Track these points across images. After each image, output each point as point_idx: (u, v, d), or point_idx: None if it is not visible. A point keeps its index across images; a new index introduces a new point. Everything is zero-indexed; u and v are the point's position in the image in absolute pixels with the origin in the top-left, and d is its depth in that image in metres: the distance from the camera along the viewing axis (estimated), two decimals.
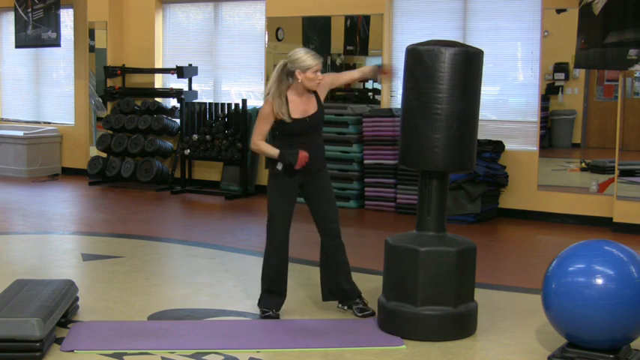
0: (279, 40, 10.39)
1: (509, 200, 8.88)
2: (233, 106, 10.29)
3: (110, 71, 11.29)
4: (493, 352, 4.57)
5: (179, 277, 6.28)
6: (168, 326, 4.94)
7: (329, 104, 8.97)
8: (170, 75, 10.96)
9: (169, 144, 10.98)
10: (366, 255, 6.62)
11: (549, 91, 8.81)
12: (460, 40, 7.00)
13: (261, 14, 10.47)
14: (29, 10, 11.74)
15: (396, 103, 9.48)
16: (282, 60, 4.92)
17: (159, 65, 11.27)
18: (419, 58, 4.63)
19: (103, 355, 4.40)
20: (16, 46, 12.16)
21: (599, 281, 4.04)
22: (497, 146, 8.74)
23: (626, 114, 8.10)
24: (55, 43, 11.60)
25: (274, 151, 4.90)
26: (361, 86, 9.77)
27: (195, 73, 10.76)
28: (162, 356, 4.40)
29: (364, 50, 9.74)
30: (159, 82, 11.40)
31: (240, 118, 10.17)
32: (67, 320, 4.85)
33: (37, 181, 11.42)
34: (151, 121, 10.78)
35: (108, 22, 11.35)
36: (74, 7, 11.85)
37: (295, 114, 4.88)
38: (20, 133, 11.93)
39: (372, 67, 5.27)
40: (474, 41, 8.32)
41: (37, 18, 11.68)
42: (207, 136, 10.33)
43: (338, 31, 9.93)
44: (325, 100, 5.07)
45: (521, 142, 8.90)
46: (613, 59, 7.83)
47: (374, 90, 9.69)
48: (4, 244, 7.48)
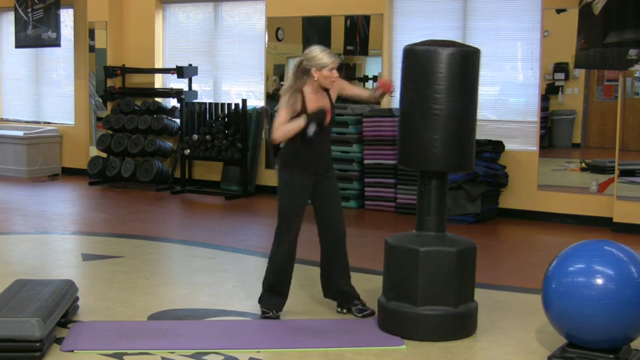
0: (279, 40, 10.38)
1: (509, 200, 8.89)
2: (233, 106, 10.28)
3: (110, 71, 11.29)
4: (493, 352, 4.57)
5: (179, 277, 6.28)
6: (168, 326, 4.94)
7: None
8: (170, 75, 10.96)
9: (169, 144, 10.98)
10: (366, 255, 6.62)
11: (549, 91, 8.81)
12: (460, 40, 7.00)
13: (261, 14, 10.47)
14: (29, 10, 11.74)
15: (396, 103, 9.46)
16: (298, 57, 4.95)
17: (159, 65, 11.27)
18: (416, 58, 4.63)
19: (103, 355, 4.40)
20: (16, 46, 12.17)
21: (599, 281, 4.04)
22: (497, 146, 8.74)
23: (626, 114, 8.10)
24: (55, 43, 11.61)
25: (299, 121, 4.80)
26: (361, 86, 9.77)
27: (195, 73, 10.76)
28: (162, 356, 4.40)
29: (364, 50, 9.74)
30: (159, 82, 11.40)
31: (240, 118, 10.17)
32: (67, 320, 4.85)
33: (37, 181, 11.42)
34: (151, 121, 10.78)
35: (108, 22, 11.35)
36: (74, 7, 11.85)
37: (310, 110, 4.90)
38: (20, 133, 11.93)
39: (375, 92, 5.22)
40: (474, 41, 8.32)
41: (37, 18, 11.68)
42: (207, 136, 10.33)
43: (338, 31, 9.92)
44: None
45: (521, 142, 8.90)
46: (613, 59, 7.83)
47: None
48: (4, 244, 7.48)
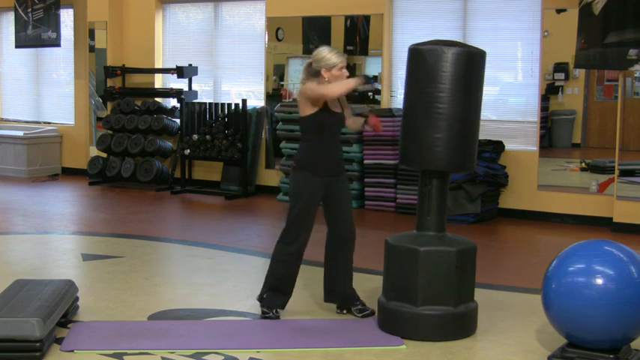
0: (279, 40, 10.38)
1: (509, 200, 8.88)
2: (233, 106, 10.28)
3: (110, 71, 11.29)
4: (493, 352, 4.57)
5: (179, 277, 6.28)
6: (168, 326, 4.94)
7: None
8: (170, 75, 10.96)
9: (169, 144, 10.98)
10: (366, 255, 6.61)
11: (549, 91, 8.81)
12: (460, 40, 7.00)
13: (261, 14, 10.47)
14: (29, 10, 11.74)
15: (396, 103, 9.49)
16: (307, 60, 4.98)
17: (159, 65, 11.28)
18: (421, 57, 4.63)
19: (103, 355, 4.40)
20: (16, 46, 12.17)
21: (599, 281, 4.04)
22: (497, 146, 8.74)
23: (626, 114, 8.10)
24: (55, 43, 11.61)
25: (352, 80, 4.84)
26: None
27: (195, 73, 10.76)
28: (162, 356, 4.40)
29: (364, 50, 9.74)
30: (159, 82, 11.40)
31: (240, 118, 10.17)
32: (67, 320, 4.85)
33: (37, 181, 11.42)
34: (151, 121, 10.78)
35: (108, 22, 11.36)
36: (74, 7, 11.85)
37: (330, 107, 4.91)
38: (20, 133, 11.93)
39: (358, 120, 5.28)
40: (474, 41, 8.33)
41: (37, 18, 11.68)
42: (207, 136, 10.33)
43: (338, 31, 9.92)
44: None
45: (521, 142, 8.90)
46: (613, 59, 7.83)
47: (374, 90, 9.68)
48: (4, 244, 7.48)
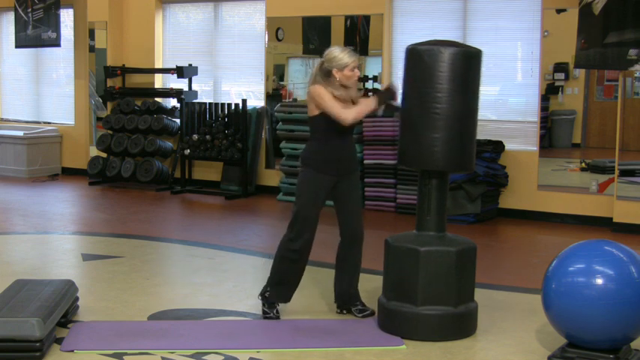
0: (279, 40, 10.38)
1: (509, 200, 8.88)
2: (233, 106, 10.28)
3: (110, 71, 11.29)
4: (493, 352, 4.57)
5: (179, 277, 6.28)
6: (168, 326, 4.94)
7: None
8: (170, 75, 10.96)
9: (169, 144, 10.98)
10: (366, 255, 6.58)
11: (549, 91, 8.81)
12: (460, 40, 7.01)
13: (261, 14, 10.47)
14: (29, 10, 11.74)
15: (397, 103, 9.48)
16: (319, 59, 4.96)
17: (159, 65, 11.27)
18: (419, 58, 4.63)
19: (103, 355, 4.40)
20: (16, 46, 12.16)
21: (599, 281, 4.04)
22: (497, 146, 8.73)
23: (626, 114, 8.10)
24: (55, 43, 11.60)
25: (370, 102, 4.85)
26: (360, 86, 9.76)
27: (195, 73, 10.76)
28: (162, 356, 4.40)
29: (364, 50, 9.74)
30: (159, 82, 11.40)
31: (240, 118, 10.17)
32: (67, 320, 4.85)
33: (37, 181, 11.42)
34: (151, 121, 10.78)
35: (108, 22, 11.35)
36: (74, 7, 11.85)
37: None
38: (20, 133, 11.93)
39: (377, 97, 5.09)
40: (474, 41, 8.32)
41: (37, 18, 11.68)
42: (207, 136, 10.33)
43: (338, 31, 9.92)
44: None
45: (521, 142, 8.90)
46: (613, 59, 7.83)
47: (374, 90, 9.68)
48: (4, 244, 7.48)
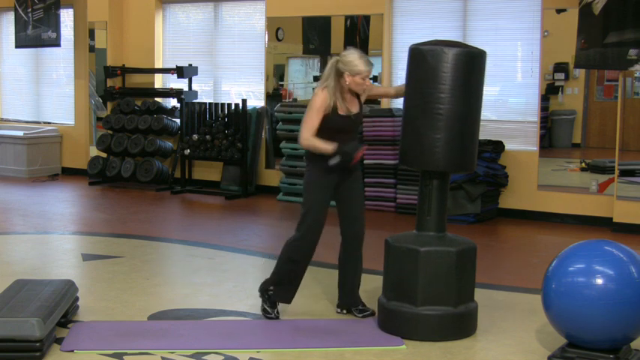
0: (279, 40, 10.39)
1: (509, 200, 8.88)
2: (233, 106, 10.28)
3: (110, 71, 11.29)
4: (493, 352, 4.57)
5: (179, 277, 6.28)
6: (168, 326, 4.94)
7: None
8: (170, 75, 10.96)
9: (169, 144, 10.98)
10: (366, 255, 6.58)
11: (549, 91, 8.81)
12: (460, 40, 7.00)
13: (261, 14, 10.47)
14: (29, 10, 11.74)
15: (396, 103, 9.48)
16: (334, 57, 4.93)
17: (159, 65, 11.27)
18: (422, 58, 4.63)
19: (103, 355, 4.40)
20: (16, 46, 12.16)
21: (599, 281, 4.04)
22: (497, 146, 8.74)
23: (626, 114, 8.10)
24: (55, 43, 11.60)
25: (329, 147, 4.77)
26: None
27: (195, 73, 10.76)
28: (162, 356, 4.40)
29: (364, 50, 9.72)
30: (159, 82, 11.40)
31: (240, 118, 10.17)
32: (67, 320, 4.85)
33: (37, 181, 11.42)
34: (151, 121, 10.78)
35: (108, 22, 11.36)
36: (74, 7, 11.85)
37: (341, 111, 4.90)
38: (20, 133, 11.93)
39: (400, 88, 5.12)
40: (474, 41, 8.32)
41: (37, 18, 11.68)
42: (207, 136, 10.33)
43: (338, 31, 9.92)
44: None
45: (521, 142, 8.90)
46: (613, 59, 7.83)
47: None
48: (4, 244, 7.48)
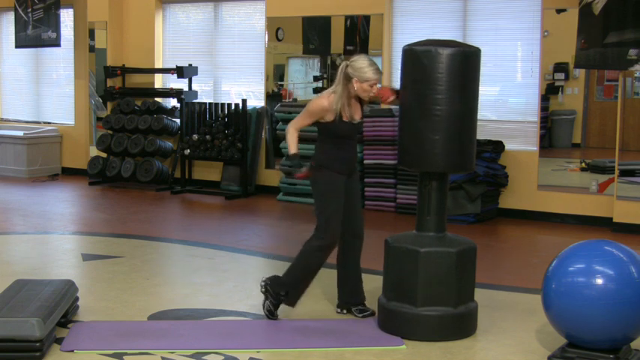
0: (279, 40, 10.39)
1: (509, 200, 8.88)
2: (233, 106, 10.28)
3: (110, 71, 11.29)
4: (493, 352, 4.57)
5: (179, 277, 6.28)
6: (168, 326, 4.94)
7: None
8: (170, 75, 10.96)
9: (169, 144, 10.98)
10: (366, 255, 6.58)
11: (549, 91, 8.81)
12: (460, 40, 6.99)
13: (261, 14, 10.47)
14: (29, 10, 11.74)
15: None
16: (344, 62, 4.92)
17: (159, 65, 11.27)
18: (416, 59, 4.62)
19: (103, 355, 4.40)
20: (16, 46, 12.16)
21: (599, 281, 4.04)
22: (497, 146, 8.73)
23: (626, 114, 8.10)
24: (55, 43, 11.60)
25: (293, 150, 4.91)
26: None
27: (195, 73, 10.76)
28: (162, 356, 4.40)
29: (364, 50, 9.72)
30: (159, 82, 11.40)
31: (240, 118, 10.17)
32: (67, 320, 4.85)
33: (37, 181, 11.42)
34: (151, 121, 10.77)
35: (108, 22, 11.35)
36: (74, 7, 11.85)
37: (345, 118, 4.91)
38: (20, 133, 11.92)
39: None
40: (474, 41, 8.31)
41: (37, 18, 11.68)
42: (207, 136, 10.33)
43: (338, 31, 9.92)
44: None
45: (521, 142, 8.90)
46: (613, 59, 7.83)
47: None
48: (4, 244, 7.48)
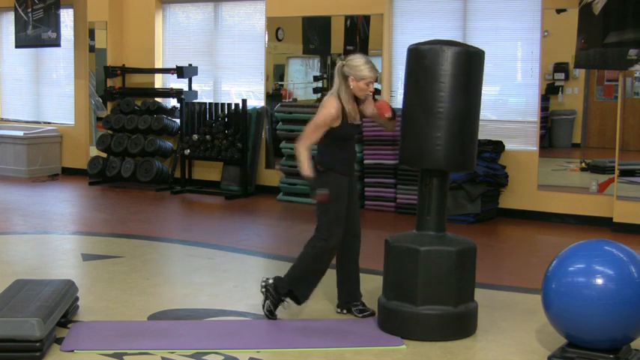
0: (279, 40, 10.39)
1: (509, 200, 8.88)
2: (233, 106, 10.28)
3: (110, 71, 11.29)
4: (493, 352, 4.57)
5: (179, 277, 6.28)
6: (168, 326, 4.94)
7: None
8: (170, 75, 10.96)
9: (169, 144, 10.98)
10: (366, 255, 6.59)
11: (549, 91, 8.81)
12: (460, 40, 7.00)
13: (261, 14, 10.47)
14: (29, 10, 11.74)
15: (396, 102, 9.48)
16: (340, 61, 4.91)
17: (159, 65, 11.27)
18: (421, 57, 4.63)
19: (103, 355, 4.40)
20: (16, 46, 12.16)
21: (599, 281, 4.04)
22: (497, 146, 8.73)
23: (626, 114, 8.10)
24: (55, 43, 11.60)
25: (307, 172, 4.79)
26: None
27: (195, 73, 10.76)
28: (162, 356, 4.40)
29: (364, 50, 9.73)
30: (159, 82, 11.40)
31: (240, 118, 10.17)
32: (67, 320, 4.85)
33: (37, 181, 11.42)
34: (151, 121, 10.77)
35: (108, 22, 11.36)
36: (74, 7, 11.85)
37: (350, 119, 4.92)
38: (20, 133, 11.93)
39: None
40: (474, 41, 8.32)
41: (37, 18, 11.68)
42: (207, 136, 10.33)
43: (338, 31, 9.93)
44: None
45: (521, 142, 8.90)
46: (613, 59, 7.83)
47: (374, 90, 9.67)
48: (4, 244, 7.48)
